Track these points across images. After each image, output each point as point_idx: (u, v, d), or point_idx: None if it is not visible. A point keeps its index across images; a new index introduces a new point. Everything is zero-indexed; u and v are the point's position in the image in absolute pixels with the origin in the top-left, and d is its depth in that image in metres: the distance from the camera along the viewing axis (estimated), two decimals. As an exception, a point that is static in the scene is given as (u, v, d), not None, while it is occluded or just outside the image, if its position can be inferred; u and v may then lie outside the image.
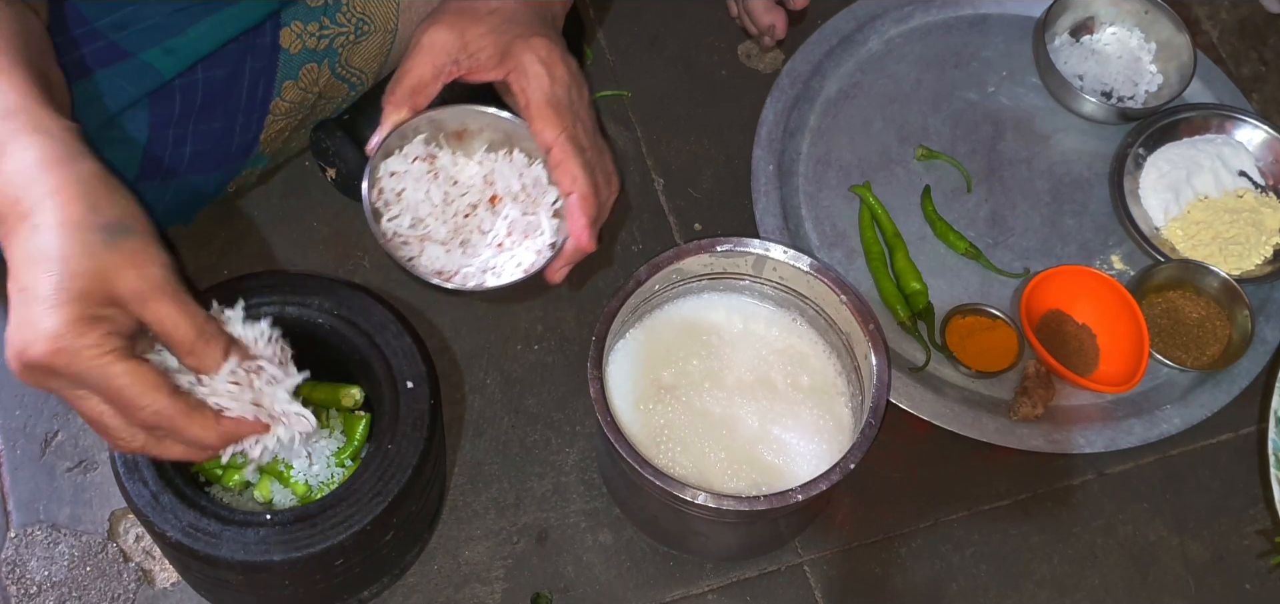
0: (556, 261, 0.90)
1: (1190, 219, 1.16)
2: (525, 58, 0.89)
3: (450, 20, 0.90)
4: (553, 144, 0.88)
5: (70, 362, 0.72)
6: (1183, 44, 1.23)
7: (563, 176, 0.89)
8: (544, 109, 0.89)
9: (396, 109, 0.91)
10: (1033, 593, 1.02)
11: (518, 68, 0.89)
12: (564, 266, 0.91)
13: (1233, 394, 1.09)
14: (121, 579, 0.98)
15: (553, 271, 0.91)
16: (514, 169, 0.93)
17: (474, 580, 1.00)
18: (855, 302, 0.97)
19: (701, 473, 0.97)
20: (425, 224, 0.91)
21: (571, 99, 0.90)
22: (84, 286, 0.73)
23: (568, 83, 0.90)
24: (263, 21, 1.00)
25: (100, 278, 0.73)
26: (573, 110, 0.90)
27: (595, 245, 0.89)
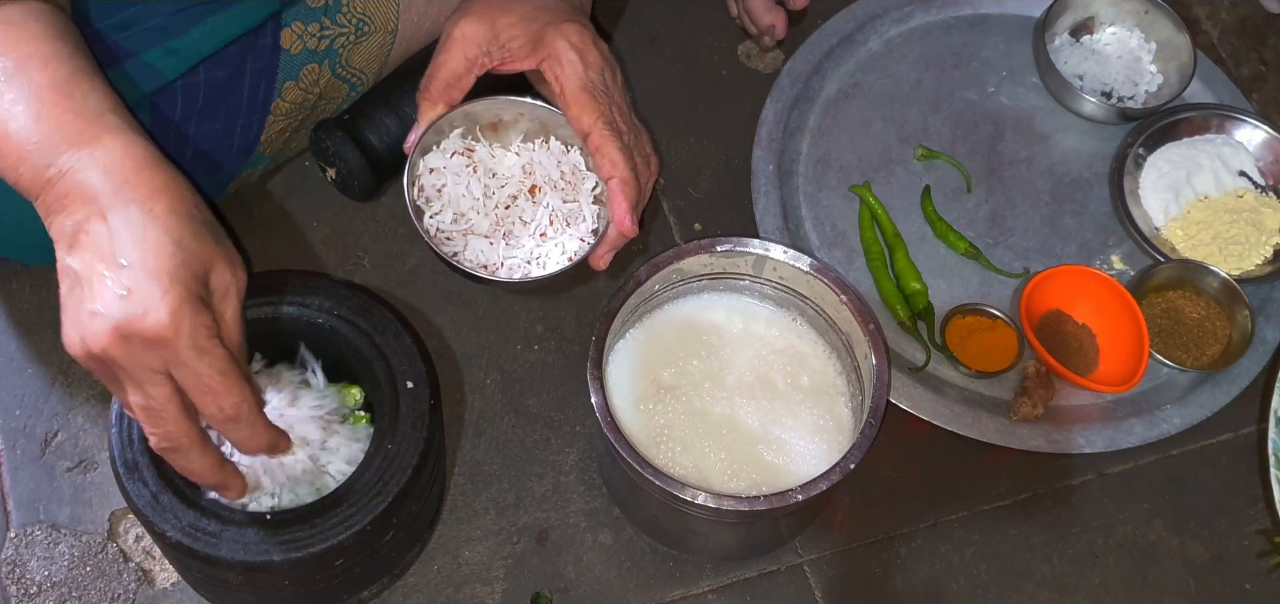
0: (600, 248, 0.90)
1: (1190, 219, 1.16)
2: (558, 45, 0.89)
3: (480, 11, 0.90)
4: (590, 130, 0.88)
5: (185, 337, 0.75)
6: (1183, 44, 1.23)
7: (602, 162, 0.89)
8: (579, 95, 0.89)
9: (432, 105, 0.91)
10: (1033, 593, 1.02)
11: (551, 55, 0.89)
12: (608, 252, 0.91)
13: (1233, 394, 1.09)
14: (121, 579, 0.98)
15: (597, 258, 0.91)
16: (552, 157, 0.93)
17: (474, 580, 1.00)
18: (855, 301, 0.97)
19: (701, 473, 0.97)
20: (467, 218, 0.91)
21: (606, 83, 0.90)
22: (197, 270, 0.77)
23: (601, 67, 0.90)
24: (264, 22, 1.00)
25: (206, 265, 0.78)
26: (608, 94, 0.90)
27: (638, 230, 0.89)
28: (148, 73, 0.95)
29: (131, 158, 0.78)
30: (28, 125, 0.77)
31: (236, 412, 0.79)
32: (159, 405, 0.77)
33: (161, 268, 0.75)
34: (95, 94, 0.80)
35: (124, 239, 0.76)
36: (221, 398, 0.78)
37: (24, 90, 0.78)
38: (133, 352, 0.75)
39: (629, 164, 0.89)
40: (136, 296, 0.74)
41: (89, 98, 0.79)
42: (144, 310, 0.74)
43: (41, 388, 1.05)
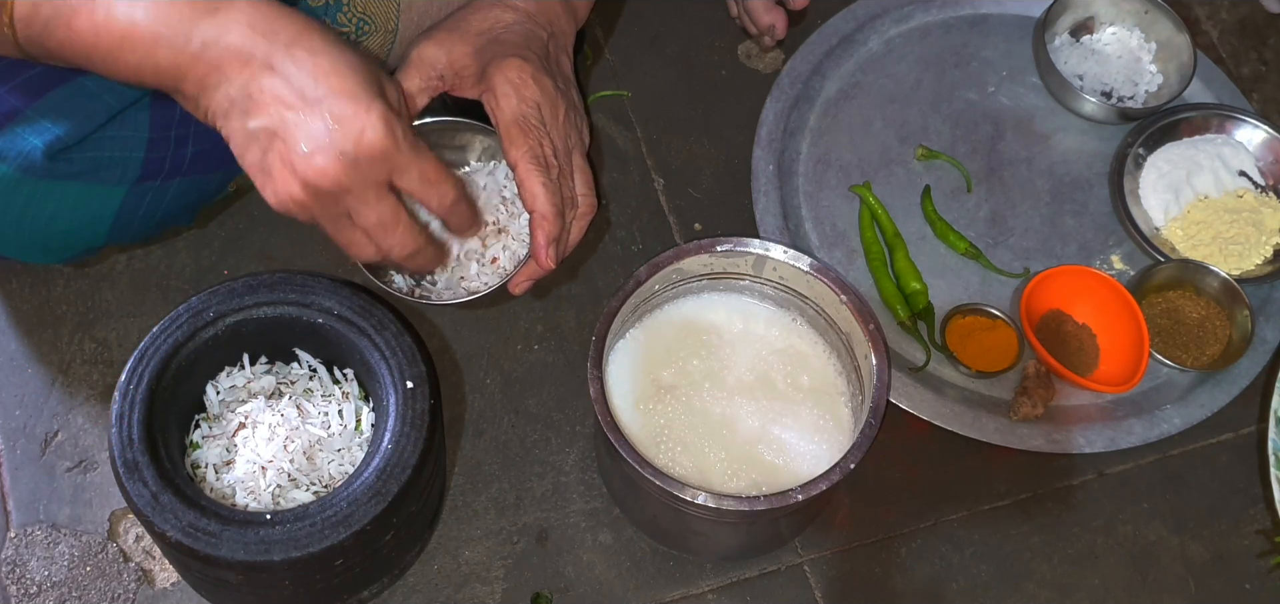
0: (518, 275, 0.93)
1: (1190, 219, 1.16)
2: (496, 80, 0.92)
3: (441, 37, 0.93)
4: (516, 162, 0.91)
5: (402, 141, 0.79)
6: (1183, 44, 1.23)
7: (524, 194, 0.91)
8: (511, 128, 0.91)
9: None
10: (1033, 593, 1.02)
11: (489, 88, 0.92)
12: (525, 281, 0.94)
13: (1233, 394, 1.09)
14: (121, 579, 0.98)
15: (514, 284, 0.94)
16: (496, 182, 0.96)
17: (474, 580, 1.00)
18: (855, 301, 0.97)
19: (701, 473, 0.97)
20: None
21: (542, 119, 0.92)
22: (382, 88, 0.80)
23: (537, 102, 0.93)
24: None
25: (379, 77, 0.81)
26: (540, 130, 0.92)
27: (553, 264, 0.92)
28: None
29: (264, 11, 0.79)
30: (151, 11, 0.78)
31: (458, 194, 0.84)
32: (391, 216, 0.81)
33: (354, 88, 0.78)
34: None
35: (304, 79, 0.78)
36: (443, 186, 0.82)
37: None
38: (362, 173, 0.78)
39: (551, 200, 0.91)
40: (347, 121, 0.77)
41: None
42: (360, 129, 0.77)
43: (41, 388, 1.05)
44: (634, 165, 1.20)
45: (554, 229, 0.91)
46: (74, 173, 0.94)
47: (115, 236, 1.01)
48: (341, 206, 0.80)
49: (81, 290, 1.09)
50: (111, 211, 0.99)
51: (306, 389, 0.95)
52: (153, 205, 1.00)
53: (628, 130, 1.22)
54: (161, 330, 0.92)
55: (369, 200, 0.80)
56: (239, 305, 0.93)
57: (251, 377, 0.95)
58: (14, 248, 1.02)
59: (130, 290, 1.09)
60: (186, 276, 1.10)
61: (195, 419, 0.94)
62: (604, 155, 1.20)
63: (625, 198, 1.18)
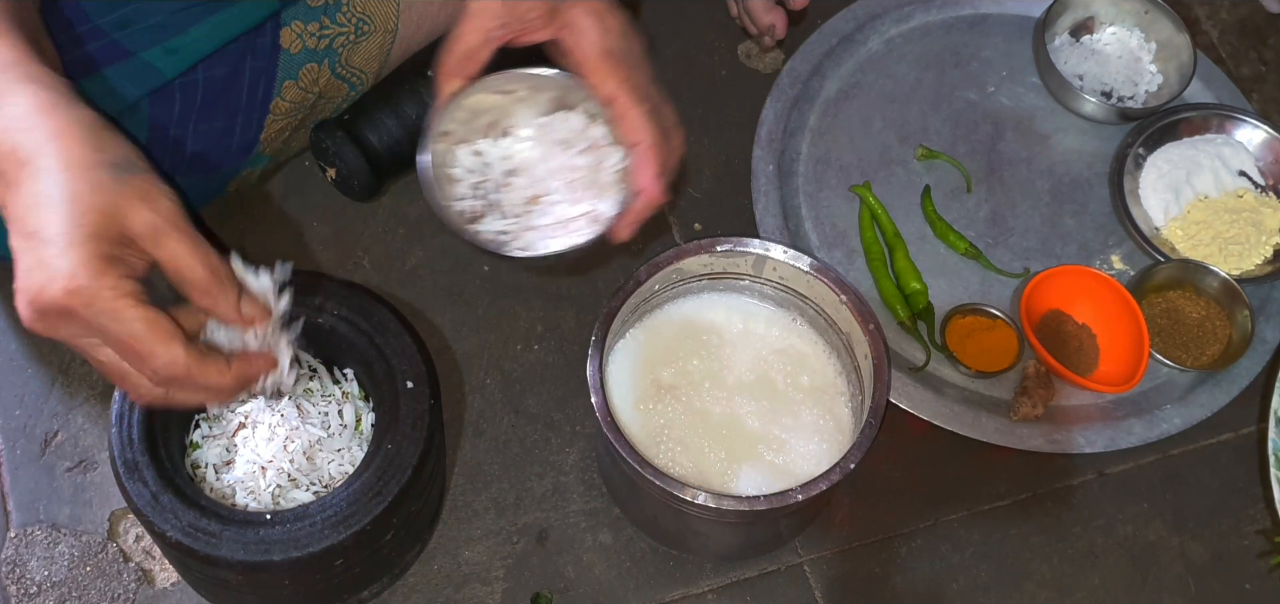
0: (625, 218, 0.88)
1: (1190, 219, 1.16)
2: (574, 13, 0.86)
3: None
4: (614, 95, 0.86)
5: (88, 303, 0.70)
6: (1183, 44, 1.23)
7: (627, 128, 0.86)
8: (600, 61, 0.86)
9: (449, 80, 0.89)
10: (1033, 593, 1.02)
11: (568, 24, 0.87)
12: (633, 223, 0.89)
13: (1233, 394, 1.09)
14: (121, 579, 0.98)
15: (620, 229, 0.88)
16: (571, 129, 0.91)
17: (474, 580, 1.00)
18: (855, 301, 0.97)
19: (701, 473, 0.97)
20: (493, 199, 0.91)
21: (627, 48, 0.88)
22: (97, 224, 0.70)
23: (621, 32, 0.88)
24: (263, 22, 1.00)
25: (112, 215, 0.71)
26: (630, 59, 0.87)
27: (666, 196, 0.87)
28: (147, 72, 0.95)
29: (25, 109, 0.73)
30: None
31: (171, 370, 0.73)
32: (111, 367, 0.74)
33: (55, 231, 0.70)
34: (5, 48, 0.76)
35: (23, 208, 0.71)
36: (151, 359, 0.72)
37: None
38: (52, 325, 0.71)
39: (656, 128, 0.86)
40: (37, 269, 0.70)
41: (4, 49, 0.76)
42: (45, 282, 0.70)
43: (41, 388, 1.05)
44: (634, 165, 1.20)
45: (663, 158, 0.87)
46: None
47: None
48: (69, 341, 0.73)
49: (81, 290, 1.09)
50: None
51: (306, 389, 0.95)
52: None
53: (628, 130, 1.22)
54: (161, 330, 0.91)
55: (82, 349, 0.73)
56: (239, 305, 0.93)
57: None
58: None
59: (130, 290, 1.09)
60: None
61: (195, 419, 0.94)
62: (604, 155, 1.20)
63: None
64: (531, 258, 0.89)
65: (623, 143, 0.88)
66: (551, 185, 0.92)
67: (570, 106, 0.93)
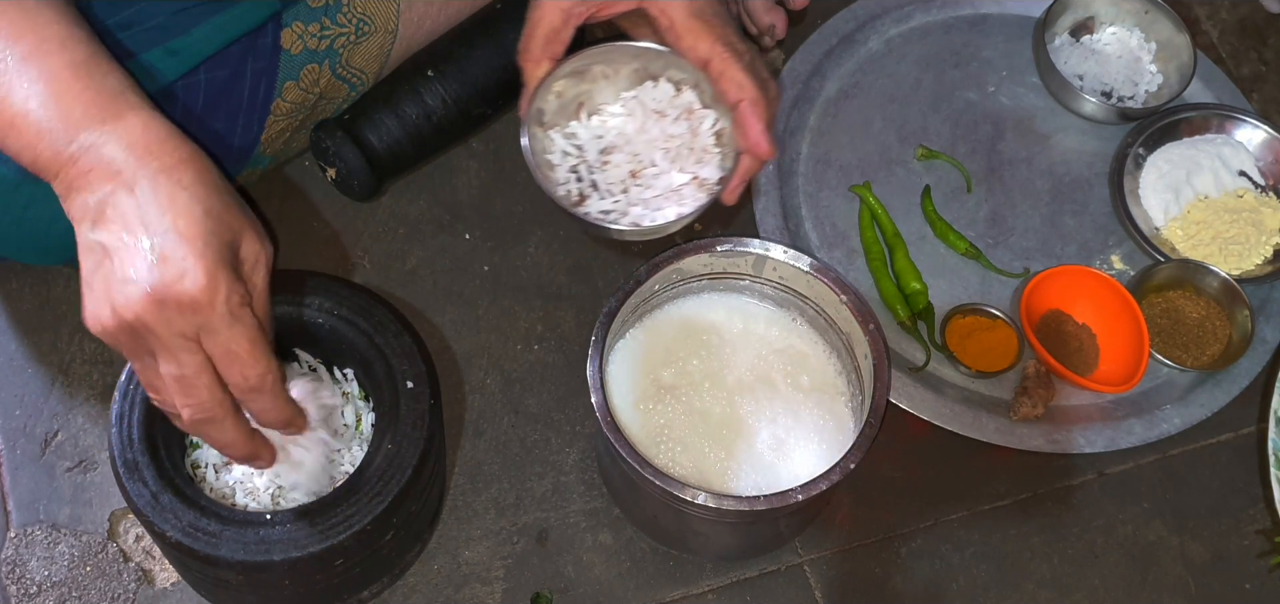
0: (733, 179, 0.88)
1: (1190, 219, 1.16)
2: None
3: None
4: (710, 55, 0.85)
5: (221, 302, 0.75)
6: (1183, 44, 1.22)
7: (728, 86, 0.85)
8: (692, 23, 0.86)
9: (536, 64, 0.89)
10: (1033, 593, 1.02)
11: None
12: (742, 182, 0.88)
13: (1233, 394, 1.09)
14: (121, 579, 0.98)
15: (730, 191, 0.88)
16: (662, 98, 0.91)
17: (474, 580, 1.00)
18: (855, 301, 0.97)
19: (701, 473, 0.97)
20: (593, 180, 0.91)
21: (715, 8, 0.87)
22: (227, 238, 0.76)
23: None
24: (264, 23, 1.00)
25: (236, 234, 0.77)
26: (719, 17, 0.87)
27: (774, 151, 0.86)
28: (148, 73, 0.95)
29: (154, 132, 0.78)
30: (46, 104, 0.77)
31: (261, 382, 0.79)
32: (192, 374, 0.77)
33: (195, 233, 0.75)
34: (113, 75, 0.80)
35: (152, 209, 0.75)
36: (248, 367, 0.77)
37: (42, 69, 0.78)
38: (167, 318, 0.74)
39: (757, 83, 0.85)
40: (171, 262, 0.74)
41: (108, 78, 0.80)
42: (180, 274, 0.74)
43: (41, 388, 1.05)
44: (634, 165, 1.20)
45: (768, 112, 0.85)
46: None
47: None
48: (146, 346, 0.76)
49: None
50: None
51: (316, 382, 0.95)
52: None
53: (628, 130, 1.22)
54: (161, 330, 0.91)
55: (172, 349, 0.76)
56: (239, 305, 0.93)
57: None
58: (14, 249, 1.02)
59: (130, 290, 1.09)
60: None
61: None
62: (604, 155, 1.20)
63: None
64: (642, 232, 0.88)
65: (724, 102, 0.87)
66: (650, 157, 0.91)
67: (654, 76, 0.92)
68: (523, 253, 1.14)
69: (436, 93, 1.10)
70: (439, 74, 1.11)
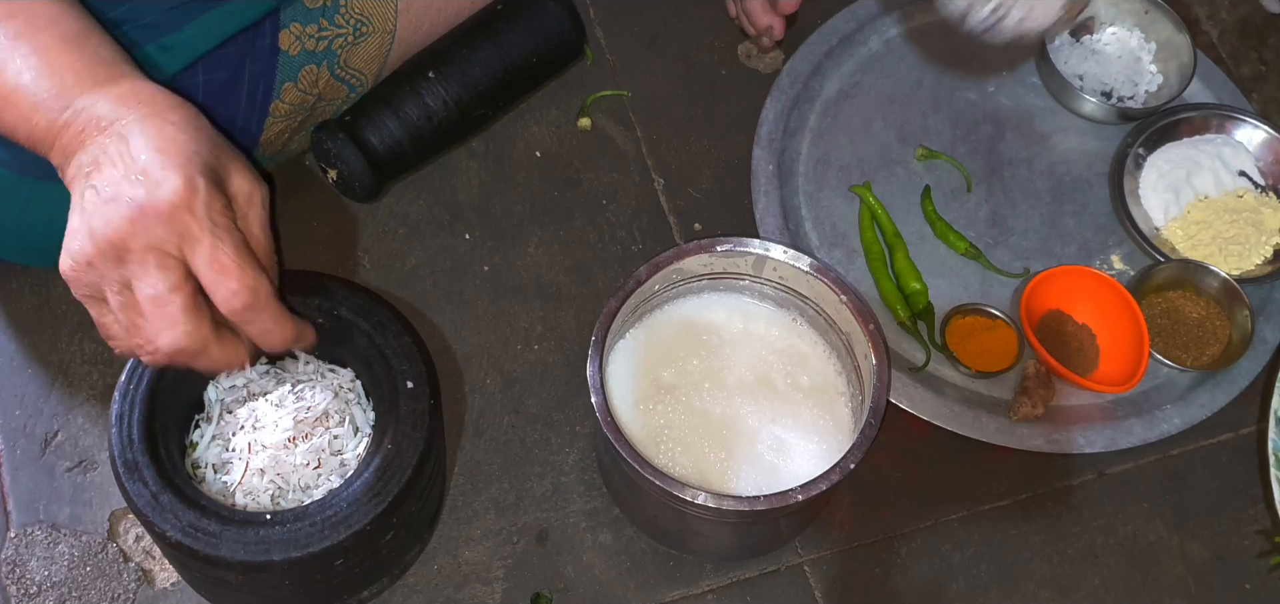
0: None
1: (1190, 219, 1.16)
2: None
3: None
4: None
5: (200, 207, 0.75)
6: (1183, 44, 1.22)
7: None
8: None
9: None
10: (1033, 593, 1.02)
11: None
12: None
13: (1233, 394, 1.09)
14: (121, 579, 0.98)
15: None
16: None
17: (474, 580, 1.00)
18: (855, 302, 0.97)
19: (701, 473, 0.97)
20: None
21: None
22: (209, 160, 0.78)
23: None
24: (261, 21, 1.00)
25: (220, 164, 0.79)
26: None
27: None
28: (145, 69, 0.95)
29: (144, 88, 0.79)
30: (39, 77, 0.78)
31: (253, 296, 0.78)
32: (167, 290, 0.76)
33: (175, 150, 0.76)
34: (106, 46, 0.81)
35: (138, 143, 0.76)
36: (235, 277, 0.77)
37: (34, 44, 0.79)
38: (146, 228, 0.74)
39: None
40: (149, 175, 0.75)
41: (100, 49, 0.81)
42: (157, 183, 0.75)
43: (41, 388, 1.05)
44: (634, 165, 1.20)
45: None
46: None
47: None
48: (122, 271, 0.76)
49: (81, 290, 1.09)
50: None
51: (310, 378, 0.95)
52: None
53: (628, 130, 1.22)
54: (161, 330, 0.91)
55: (148, 266, 0.75)
56: (239, 305, 0.93)
57: (251, 377, 0.95)
58: (14, 251, 1.02)
59: (130, 290, 1.09)
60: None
61: (195, 419, 0.94)
62: (604, 155, 1.20)
63: (625, 198, 1.18)
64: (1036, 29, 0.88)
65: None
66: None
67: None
68: (523, 253, 1.14)
69: (437, 94, 1.10)
70: (440, 75, 1.11)
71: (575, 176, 1.19)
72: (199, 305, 0.78)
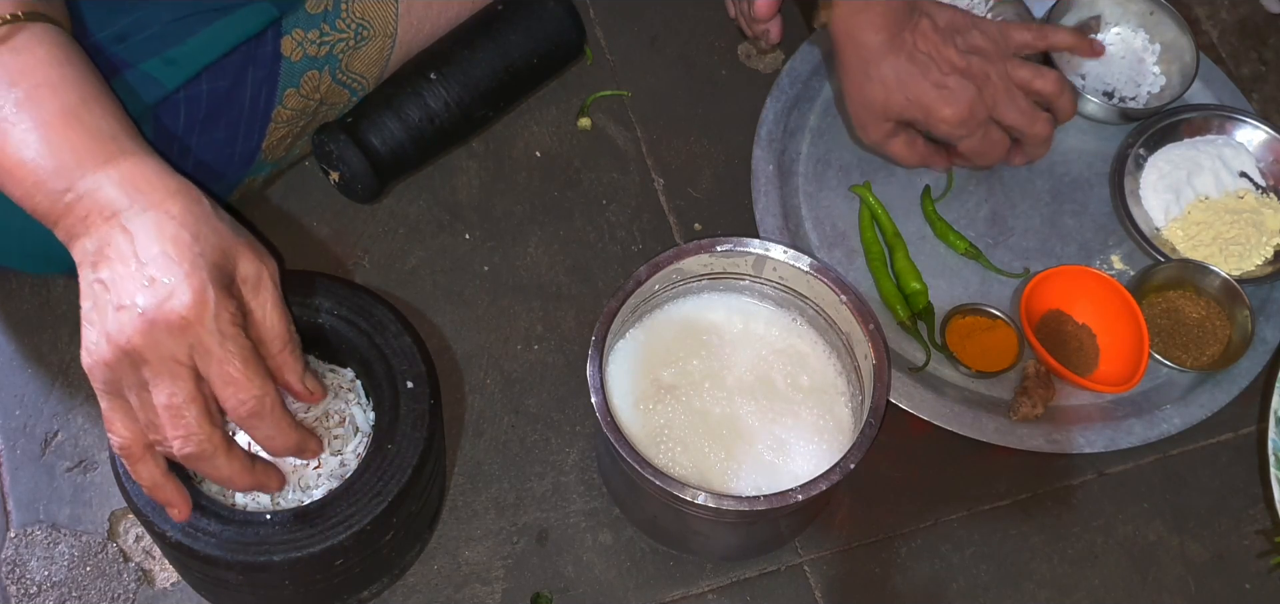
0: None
1: (1191, 219, 1.16)
2: None
3: None
4: None
5: (209, 319, 0.77)
6: (1186, 45, 1.22)
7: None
8: None
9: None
10: (1033, 593, 1.02)
11: None
12: None
13: (1233, 394, 1.09)
14: (121, 579, 0.98)
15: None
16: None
17: (474, 580, 1.00)
18: (855, 301, 0.97)
19: (701, 473, 0.97)
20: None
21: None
22: (218, 260, 0.79)
23: None
24: (263, 30, 1.00)
25: (229, 255, 0.80)
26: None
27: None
28: (148, 83, 0.95)
29: (143, 171, 0.80)
30: (41, 153, 0.79)
31: (258, 406, 0.80)
32: (182, 402, 0.78)
33: (182, 255, 0.77)
34: (106, 118, 0.82)
35: (145, 240, 0.77)
36: (242, 389, 0.79)
37: (36, 118, 0.80)
38: (158, 339, 0.76)
39: None
40: (159, 284, 0.76)
41: (101, 122, 0.81)
42: (169, 293, 0.76)
43: (41, 388, 1.05)
44: (634, 165, 1.20)
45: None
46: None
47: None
48: (140, 377, 0.78)
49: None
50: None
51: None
52: None
53: (628, 130, 1.22)
54: (161, 330, 0.91)
55: (162, 374, 0.77)
56: (239, 305, 0.93)
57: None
58: (16, 258, 1.02)
59: (130, 291, 1.09)
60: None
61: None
62: (604, 155, 1.20)
63: (625, 198, 1.18)
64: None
65: None
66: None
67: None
68: (523, 253, 1.14)
69: (439, 95, 1.11)
70: (441, 77, 1.11)
71: (575, 176, 1.19)
72: (211, 414, 0.80)
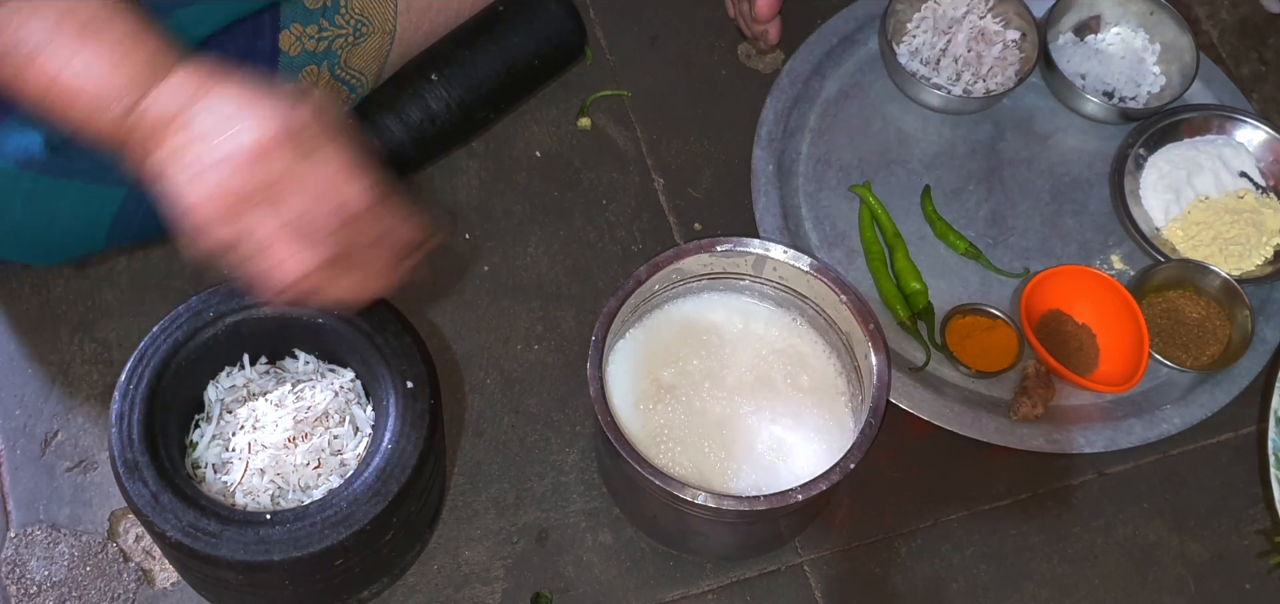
0: None
1: (1191, 219, 1.16)
2: None
3: None
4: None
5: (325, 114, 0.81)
6: (1186, 45, 1.22)
7: None
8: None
9: None
10: (1033, 593, 1.02)
11: None
12: None
13: (1233, 394, 1.09)
14: (121, 579, 0.98)
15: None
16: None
17: (474, 580, 1.00)
18: (855, 302, 0.97)
19: (701, 473, 0.97)
20: None
21: None
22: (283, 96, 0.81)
23: None
24: (261, 18, 1.00)
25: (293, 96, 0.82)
26: None
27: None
28: None
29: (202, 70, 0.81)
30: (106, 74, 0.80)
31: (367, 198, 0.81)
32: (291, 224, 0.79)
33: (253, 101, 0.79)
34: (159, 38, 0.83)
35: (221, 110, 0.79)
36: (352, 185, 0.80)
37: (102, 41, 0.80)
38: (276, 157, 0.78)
39: None
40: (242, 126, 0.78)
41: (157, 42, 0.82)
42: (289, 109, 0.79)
43: (41, 388, 1.05)
44: (634, 165, 1.20)
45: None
46: (75, 172, 0.94)
47: (115, 238, 1.01)
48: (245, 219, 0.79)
49: (81, 290, 1.09)
50: (112, 213, 0.99)
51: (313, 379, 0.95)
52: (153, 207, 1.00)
53: (628, 130, 1.22)
54: (161, 330, 0.92)
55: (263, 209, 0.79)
56: (239, 305, 0.93)
57: (251, 377, 0.95)
58: (14, 249, 1.02)
59: (130, 290, 1.09)
60: (186, 277, 1.10)
61: (195, 419, 0.94)
62: (604, 155, 1.20)
63: (625, 198, 1.18)
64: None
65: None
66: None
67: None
68: (523, 253, 1.14)
69: (440, 96, 1.11)
70: (442, 77, 1.11)
71: (575, 176, 1.19)
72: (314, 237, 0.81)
